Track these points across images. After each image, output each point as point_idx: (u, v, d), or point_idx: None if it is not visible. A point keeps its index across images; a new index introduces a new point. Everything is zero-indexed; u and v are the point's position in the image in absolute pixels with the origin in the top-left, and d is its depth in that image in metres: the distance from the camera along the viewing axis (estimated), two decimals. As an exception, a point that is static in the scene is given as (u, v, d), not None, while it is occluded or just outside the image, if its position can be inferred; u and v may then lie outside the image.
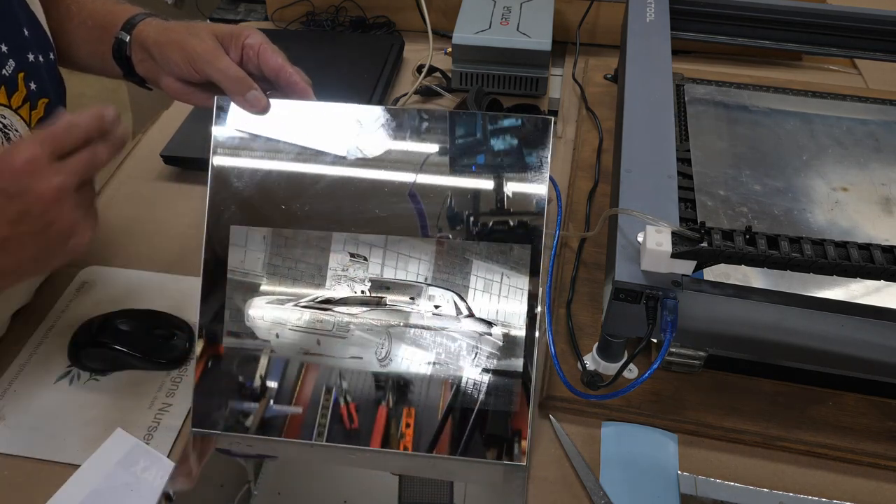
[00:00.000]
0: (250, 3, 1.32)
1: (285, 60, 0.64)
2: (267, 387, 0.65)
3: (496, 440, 0.63)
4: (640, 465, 0.64)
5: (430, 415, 0.63)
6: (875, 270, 0.52)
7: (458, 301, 0.64)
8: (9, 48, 0.64)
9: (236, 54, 0.64)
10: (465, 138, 0.65)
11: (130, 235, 0.86)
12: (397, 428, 0.63)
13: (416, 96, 1.08)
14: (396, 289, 0.65)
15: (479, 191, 0.64)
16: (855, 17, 0.95)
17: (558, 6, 1.14)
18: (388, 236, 0.64)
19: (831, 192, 0.78)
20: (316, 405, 0.64)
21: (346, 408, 0.64)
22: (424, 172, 0.64)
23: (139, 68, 0.69)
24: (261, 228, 0.65)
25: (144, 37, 0.67)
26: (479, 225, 0.64)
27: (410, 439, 0.63)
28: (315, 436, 0.64)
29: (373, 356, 0.64)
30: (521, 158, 0.64)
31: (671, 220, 0.60)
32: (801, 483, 0.63)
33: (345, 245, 0.65)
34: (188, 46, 0.63)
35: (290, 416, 0.64)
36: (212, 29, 0.64)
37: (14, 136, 0.64)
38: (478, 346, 0.64)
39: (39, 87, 0.67)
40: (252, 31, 0.64)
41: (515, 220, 0.64)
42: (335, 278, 0.65)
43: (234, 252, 0.65)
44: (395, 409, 0.64)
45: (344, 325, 0.65)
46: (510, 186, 0.64)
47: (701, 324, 0.59)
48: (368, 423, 0.64)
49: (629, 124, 0.73)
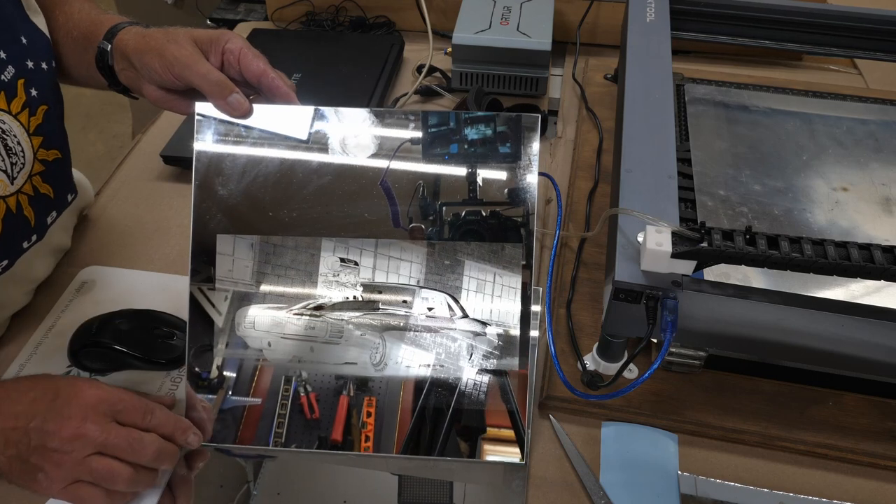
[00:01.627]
0: (250, 3, 1.32)
1: (267, 65, 0.63)
2: (224, 377, 0.63)
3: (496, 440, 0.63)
4: (640, 465, 0.63)
5: (391, 406, 0.63)
6: (875, 270, 0.52)
7: (451, 302, 0.64)
8: (7, 55, 0.64)
9: (216, 60, 0.63)
10: (439, 127, 0.64)
11: (130, 235, 0.86)
12: (359, 418, 0.63)
13: (416, 96, 1.08)
14: (389, 292, 0.64)
15: (449, 177, 0.63)
16: (855, 17, 0.95)
17: (558, 6, 1.14)
18: (379, 240, 0.64)
19: (831, 192, 0.78)
20: (275, 396, 0.63)
21: (307, 398, 0.63)
22: (398, 160, 0.63)
23: (121, 77, 0.68)
24: (248, 236, 0.64)
25: (124, 45, 0.66)
26: (451, 215, 0.63)
27: (372, 429, 0.62)
28: (275, 426, 0.62)
29: (367, 361, 0.64)
30: (497, 150, 0.63)
31: (671, 220, 0.60)
32: (801, 483, 0.63)
33: (335, 250, 0.64)
34: (167, 53, 0.62)
35: (248, 408, 0.63)
36: (190, 34, 0.63)
37: (12, 140, 0.64)
38: (473, 345, 0.63)
39: (40, 94, 0.68)
40: (232, 36, 0.63)
41: (487, 209, 0.63)
42: (326, 284, 0.64)
43: (221, 261, 0.64)
44: (355, 398, 0.63)
45: (337, 331, 0.64)
46: (484, 173, 0.63)
47: (701, 324, 0.59)
48: (329, 413, 0.63)
49: (629, 124, 0.73)
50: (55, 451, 0.53)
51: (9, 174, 0.65)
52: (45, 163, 0.70)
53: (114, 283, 0.79)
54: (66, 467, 0.53)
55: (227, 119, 0.63)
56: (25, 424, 0.53)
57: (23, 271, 0.71)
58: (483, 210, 0.63)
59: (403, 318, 0.64)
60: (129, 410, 0.55)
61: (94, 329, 0.71)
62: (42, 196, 0.70)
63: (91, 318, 0.72)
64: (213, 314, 0.63)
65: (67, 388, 0.55)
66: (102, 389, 0.55)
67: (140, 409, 0.55)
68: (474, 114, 0.64)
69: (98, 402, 0.54)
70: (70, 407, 0.53)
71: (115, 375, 0.70)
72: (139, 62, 0.64)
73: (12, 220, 0.66)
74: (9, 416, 0.54)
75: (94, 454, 0.53)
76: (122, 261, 0.82)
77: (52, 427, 0.53)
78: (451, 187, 0.64)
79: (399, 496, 0.62)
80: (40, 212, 0.70)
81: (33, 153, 0.68)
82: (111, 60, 0.67)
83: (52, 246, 0.77)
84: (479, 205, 0.63)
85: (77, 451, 0.53)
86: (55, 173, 0.72)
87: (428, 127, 0.64)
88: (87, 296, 0.78)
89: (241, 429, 0.62)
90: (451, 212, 0.63)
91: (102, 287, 0.79)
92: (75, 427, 0.52)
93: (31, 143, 0.67)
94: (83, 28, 0.70)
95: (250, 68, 0.62)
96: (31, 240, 0.70)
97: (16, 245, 0.68)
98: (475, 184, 0.63)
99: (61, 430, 0.52)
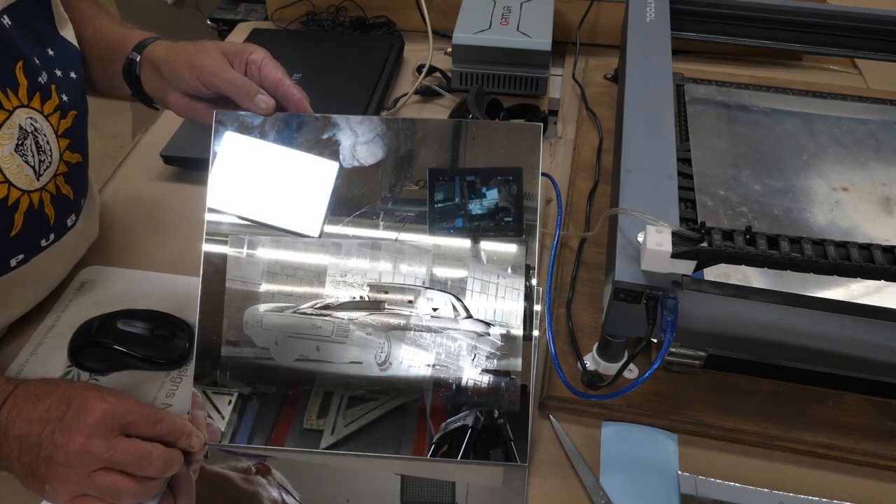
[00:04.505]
0: (250, 3, 1.32)
1: (285, 74, 0.67)
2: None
3: (496, 440, 0.63)
4: (640, 465, 0.64)
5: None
6: (875, 270, 0.52)
7: (455, 303, 0.65)
8: (41, 62, 0.68)
9: (241, 69, 0.67)
10: (444, 202, 0.67)
11: (130, 235, 0.86)
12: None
13: (416, 96, 1.08)
14: (395, 293, 0.65)
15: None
16: (855, 17, 0.95)
17: (558, 6, 1.14)
18: (384, 241, 0.65)
19: (831, 192, 0.78)
20: None
21: None
22: (406, 232, 0.66)
23: (147, 86, 0.73)
24: (261, 237, 0.66)
25: (154, 55, 0.71)
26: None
27: None
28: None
29: (372, 360, 0.65)
30: (500, 222, 0.66)
31: (671, 220, 0.60)
32: (801, 483, 0.63)
33: (343, 251, 0.65)
34: (196, 62, 0.67)
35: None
36: (217, 46, 0.68)
37: (42, 139, 0.67)
38: (476, 346, 0.64)
39: (71, 100, 0.71)
40: (256, 49, 0.68)
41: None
42: (334, 284, 0.65)
43: (232, 261, 0.65)
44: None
45: (343, 330, 0.65)
46: (486, 245, 0.66)
47: (701, 324, 0.59)
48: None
49: (629, 124, 0.73)
50: (60, 465, 0.53)
51: (36, 170, 0.67)
52: (69, 165, 0.72)
53: (114, 283, 0.79)
54: (71, 482, 0.53)
55: (243, 128, 0.67)
56: (39, 431, 0.53)
57: (38, 273, 0.72)
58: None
59: (408, 319, 0.65)
60: (137, 422, 0.55)
61: (94, 329, 0.71)
62: (63, 196, 0.71)
63: (91, 318, 0.72)
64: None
65: (78, 400, 0.54)
66: (110, 402, 0.55)
67: (149, 420, 0.55)
68: (477, 171, 0.66)
69: (105, 416, 0.54)
70: (78, 421, 0.53)
71: (116, 375, 0.70)
72: (168, 71, 0.69)
73: (33, 215, 0.67)
74: (26, 422, 0.54)
75: (100, 469, 0.53)
76: (123, 261, 0.82)
77: (61, 440, 0.53)
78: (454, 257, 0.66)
79: (402, 496, 0.62)
80: (60, 211, 0.71)
81: (59, 154, 0.70)
82: (139, 70, 0.72)
83: (69, 251, 0.77)
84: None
85: (83, 467, 0.53)
86: (76, 176, 0.74)
87: (434, 202, 0.66)
88: (87, 296, 0.78)
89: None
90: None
91: (102, 287, 0.79)
92: (81, 443, 0.52)
93: (59, 144, 0.70)
94: (111, 41, 0.76)
95: (269, 77, 0.67)
96: (49, 238, 0.71)
97: (34, 241, 0.69)
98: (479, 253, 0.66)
99: (68, 445, 0.52)
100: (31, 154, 0.66)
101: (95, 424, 0.53)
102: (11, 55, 0.64)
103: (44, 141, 0.67)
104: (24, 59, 0.65)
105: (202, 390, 0.65)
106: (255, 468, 0.63)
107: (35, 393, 0.56)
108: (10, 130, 0.64)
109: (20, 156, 0.65)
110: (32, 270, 0.70)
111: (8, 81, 0.64)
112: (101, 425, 0.53)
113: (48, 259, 0.71)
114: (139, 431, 0.55)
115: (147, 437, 0.55)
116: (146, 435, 0.55)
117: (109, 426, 0.54)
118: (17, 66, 0.64)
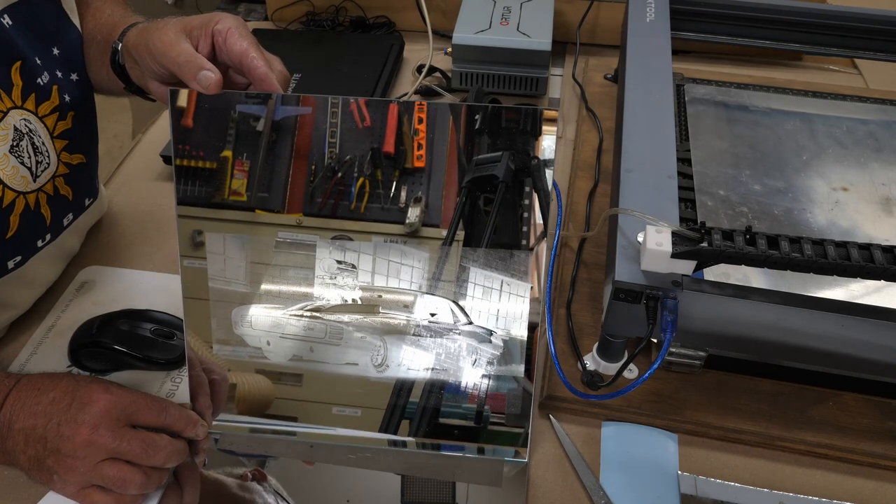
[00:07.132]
0: (250, 3, 1.32)
1: (252, 45, 0.57)
2: (269, 94, 0.58)
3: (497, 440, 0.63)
4: (640, 465, 0.64)
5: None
6: (875, 270, 0.52)
7: (455, 309, 0.63)
8: (42, 62, 0.66)
9: (206, 43, 0.58)
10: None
11: (130, 235, 0.86)
12: (410, 125, 0.60)
13: (416, 96, 1.08)
14: (390, 297, 0.63)
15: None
16: (855, 17, 0.95)
17: (558, 6, 1.14)
18: (377, 244, 0.62)
19: (831, 192, 0.78)
20: (325, 104, 0.60)
21: (357, 104, 0.60)
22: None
23: (132, 75, 0.66)
24: (238, 235, 0.62)
25: (128, 41, 0.64)
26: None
27: (423, 137, 0.60)
28: (328, 136, 0.59)
29: (369, 362, 0.64)
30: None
31: (671, 220, 0.60)
32: (801, 483, 0.63)
33: (330, 253, 0.63)
34: (151, 42, 0.58)
35: (301, 117, 0.60)
36: (182, 21, 0.60)
37: (37, 140, 0.66)
38: (478, 350, 0.63)
39: (73, 100, 0.69)
40: (223, 17, 0.59)
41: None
42: (323, 286, 0.63)
43: (212, 260, 0.62)
44: (404, 107, 0.60)
45: (337, 333, 0.64)
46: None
47: (701, 324, 0.59)
48: (381, 121, 0.60)
49: (629, 124, 0.73)
50: (68, 457, 0.53)
51: (32, 171, 0.66)
52: (69, 166, 0.71)
53: (114, 283, 0.79)
54: (78, 472, 0.53)
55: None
56: (45, 424, 0.54)
57: (34, 273, 0.72)
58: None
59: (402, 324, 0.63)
60: (143, 412, 0.55)
61: (94, 329, 0.71)
62: (61, 197, 0.71)
63: (91, 318, 0.72)
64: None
65: (83, 392, 0.55)
66: (115, 393, 0.55)
67: (154, 410, 0.55)
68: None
69: (110, 406, 0.54)
70: (84, 412, 0.53)
71: (116, 375, 0.70)
72: (138, 56, 0.62)
73: (29, 216, 0.67)
74: (30, 415, 0.54)
75: (107, 459, 0.53)
76: (122, 261, 0.82)
77: (67, 431, 0.53)
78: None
79: (402, 496, 0.62)
80: (57, 212, 0.71)
81: (56, 155, 0.69)
82: (122, 59, 0.66)
83: (64, 250, 0.77)
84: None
85: (89, 458, 0.53)
86: (78, 177, 0.73)
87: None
88: (87, 296, 0.78)
89: (297, 136, 0.59)
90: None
91: (102, 287, 0.79)
92: (87, 434, 0.53)
93: (55, 145, 0.68)
94: (105, 32, 0.69)
95: (234, 49, 0.57)
96: (46, 239, 0.71)
97: (31, 242, 0.69)
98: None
99: (74, 436, 0.53)
100: (28, 155, 0.65)
101: (101, 415, 0.53)
102: (8, 56, 0.63)
103: (39, 142, 0.66)
104: (23, 59, 0.64)
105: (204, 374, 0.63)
106: (251, 474, 0.63)
107: (38, 386, 0.56)
108: (5, 132, 0.63)
109: (15, 157, 0.64)
110: (30, 270, 0.70)
111: (1, 83, 0.62)
112: (106, 416, 0.53)
113: (43, 257, 0.71)
114: (145, 421, 0.55)
115: (152, 428, 0.55)
116: (152, 425, 0.55)
117: (115, 417, 0.54)
118: (13, 67, 0.63)
